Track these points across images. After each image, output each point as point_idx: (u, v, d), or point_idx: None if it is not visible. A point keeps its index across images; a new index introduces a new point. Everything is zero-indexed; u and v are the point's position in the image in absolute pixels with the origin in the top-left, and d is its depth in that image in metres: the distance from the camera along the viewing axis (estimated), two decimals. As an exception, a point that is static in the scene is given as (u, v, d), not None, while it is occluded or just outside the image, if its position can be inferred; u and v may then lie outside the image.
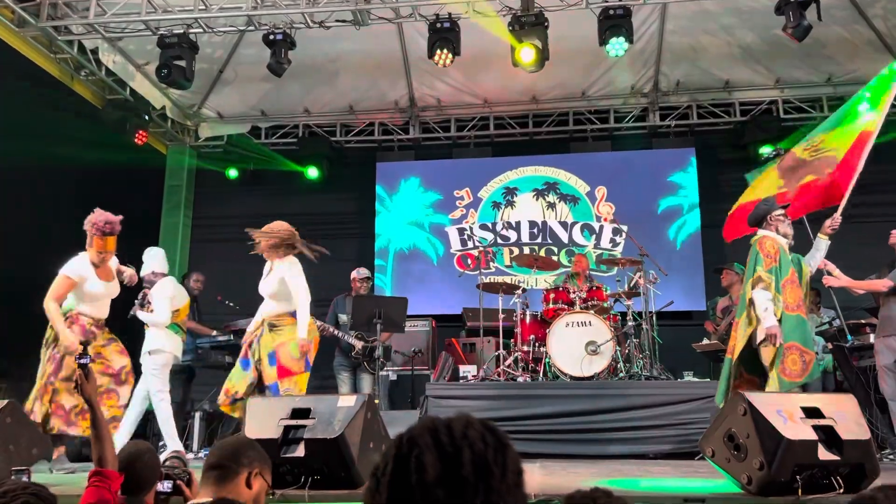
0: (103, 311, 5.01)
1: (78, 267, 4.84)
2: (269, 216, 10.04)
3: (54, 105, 7.60)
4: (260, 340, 4.80)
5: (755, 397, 3.02)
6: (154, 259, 5.58)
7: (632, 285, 6.74)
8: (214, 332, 6.85)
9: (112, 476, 2.29)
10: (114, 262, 5.08)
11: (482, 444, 0.86)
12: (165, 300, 5.31)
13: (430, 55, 6.93)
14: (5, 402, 3.71)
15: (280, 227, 5.01)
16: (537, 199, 9.41)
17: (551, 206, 9.36)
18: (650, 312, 6.54)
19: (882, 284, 5.15)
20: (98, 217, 4.80)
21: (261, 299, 4.98)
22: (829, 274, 4.93)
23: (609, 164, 9.42)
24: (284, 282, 4.80)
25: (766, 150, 8.40)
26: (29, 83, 7.32)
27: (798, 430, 2.89)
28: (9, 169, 6.55)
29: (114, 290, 5.06)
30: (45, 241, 6.35)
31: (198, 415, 6.73)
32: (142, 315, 5.33)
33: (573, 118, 9.38)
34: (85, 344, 2.90)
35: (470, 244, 9.33)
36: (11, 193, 6.63)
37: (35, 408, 4.55)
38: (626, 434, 5.56)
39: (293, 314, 4.84)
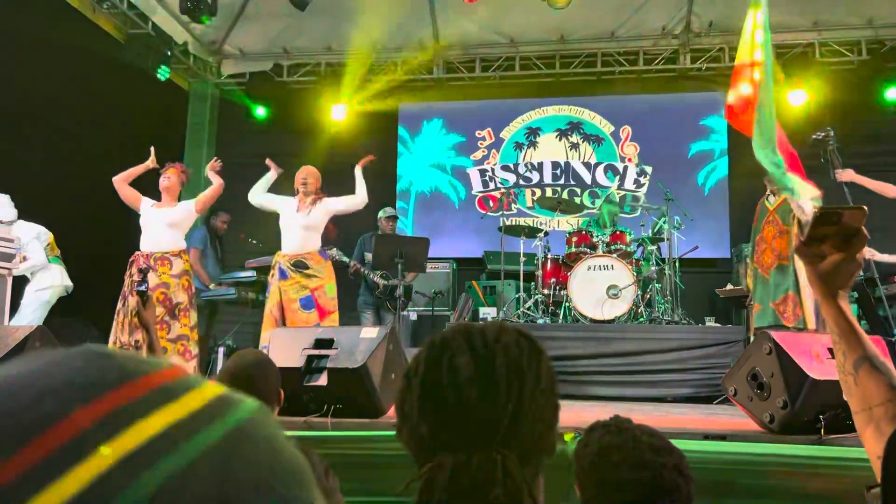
0: (156, 244, 4.98)
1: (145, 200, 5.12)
2: (293, 155, 10.05)
3: (75, 38, 7.53)
4: (285, 284, 4.96)
5: (781, 336, 2.99)
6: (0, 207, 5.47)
7: (656, 230, 6.67)
8: (212, 286, 6.89)
9: None
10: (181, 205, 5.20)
11: (517, 348, 0.85)
12: (34, 243, 5.37)
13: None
14: (35, 326, 3.77)
15: (316, 171, 5.49)
16: (560, 139, 9.27)
17: (574, 146, 9.22)
18: (674, 258, 6.48)
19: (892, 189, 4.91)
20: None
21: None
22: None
23: (636, 105, 9.22)
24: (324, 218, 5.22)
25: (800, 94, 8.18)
26: (48, 14, 7.23)
27: (824, 370, 2.86)
28: (27, 102, 6.55)
29: (168, 216, 5.08)
30: (65, 177, 6.38)
31: (220, 349, 6.85)
32: (23, 268, 5.33)
33: (601, 59, 9.15)
34: (144, 271, 2.91)
35: (492, 185, 9.25)
36: (31, 128, 6.63)
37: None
38: (646, 377, 5.57)
39: (321, 252, 5.22)
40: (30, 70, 6.59)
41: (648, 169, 8.14)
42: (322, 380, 3.35)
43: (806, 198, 3.99)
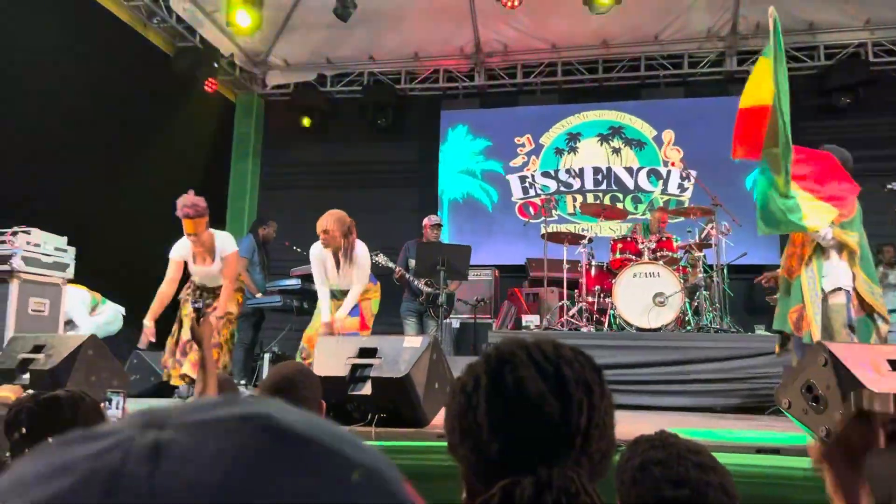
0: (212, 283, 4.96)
1: (177, 248, 4.83)
2: (335, 164, 10.17)
3: (125, 52, 7.74)
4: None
5: (837, 348, 2.89)
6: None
7: (703, 236, 6.54)
8: (259, 294, 6.97)
9: None
10: (218, 241, 4.85)
11: (578, 363, 0.83)
12: (80, 308, 5.64)
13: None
14: (88, 335, 3.87)
15: (338, 215, 4.86)
16: (601, 144, 9.17)
17: (616, 151, 9.11)
18: (722, 264, 6.34)
19: None
20: (179, 201, 4.64)
21: None
22: None
23: (679, 109, 9.07)
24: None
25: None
26: (99, 29, 7.43)
27: (883, 381, 2.75)
28: (79, 113, 6.73)
29: (212, 271, 4.87)
30: (116, 191, 6.52)
31: (267, 356, 6.94)
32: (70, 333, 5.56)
33: (645, 63, 9.04)
34: (200, 289, 2.93)
35: (532, 192, 9.19)
36: (78, 141, 6.81)
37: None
38: (693, 387, 5.45)
39: (371, 279, 5.05)
40: (80, 83, 6.78)
41: (694, 172, 7.98)
42: (366, 389, 3.36)
43: (823, 221, 3.84)
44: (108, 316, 5.87)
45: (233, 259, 4.87)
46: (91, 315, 5.75)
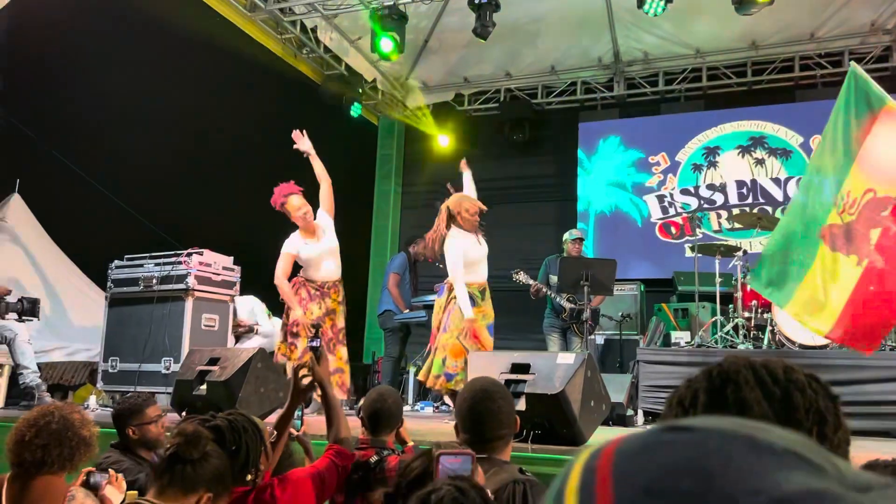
0: (328, 272, 5.19)
1: (291, 241, 5.13)
2: (476, 181, 10.31)
3: (280, 82, 8.28)
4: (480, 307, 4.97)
5: None
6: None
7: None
8: (406, 310, 7.15)
9: (348, 457, 2.33)
10: (321, 220, 5.20)
11: (811, 390, 0.78)
12: (260, 314, 6.20)
13: (640, 4, 6.61)
14: (257, 347, 4.15)
15: (464, 200, 5.01)
16: (742, 156, 8.70)
17: (759, 162, 8.60)
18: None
19: None
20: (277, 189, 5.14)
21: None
22: None
23: (828, 112, 8.43)
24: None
25: None
26: (258, 62, 8.00)
27: None
28: (240, 141, 7.24)
29: (327, 245, 5.15)
30: (268, 218, 6.94)
31: (412, 370, 7.11)
32: (256, 341, 5.92)
33: (799, 63, 8.52)
34: (316, 327, 2.96)
35: (672, 211, 8.86)
36: (242, 165, 7.32)
37: None
38: (866, 409, 5.00)
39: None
40: (243, 113, 7.32)
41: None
42: (520, 405, 3.35)
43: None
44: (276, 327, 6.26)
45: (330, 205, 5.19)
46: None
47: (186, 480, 1.66)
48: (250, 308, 6.18)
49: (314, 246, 5.12)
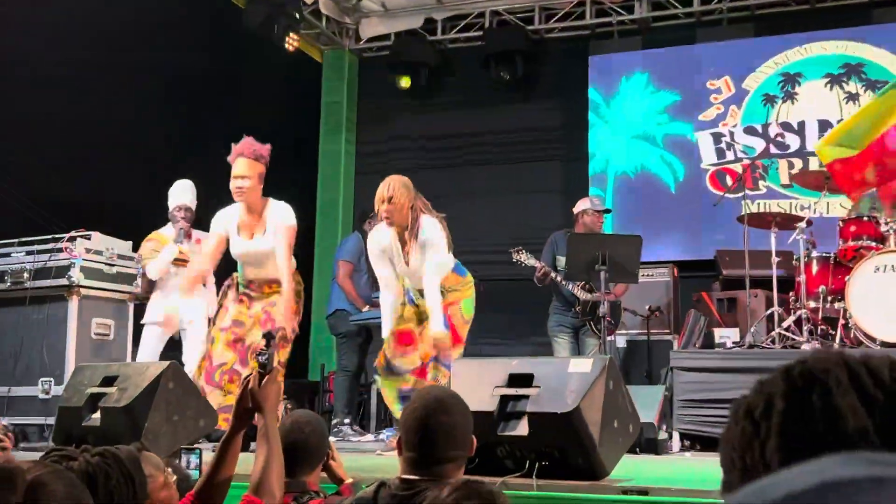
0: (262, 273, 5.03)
1: (220, 217, 5.02)
2: (450, 136, 10.27)
3: (190, 7, 8.17)
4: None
5: None
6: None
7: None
8: (365, 308, 7.12)
9: None
10: (272, 208, 4.97)
11: None
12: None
13: None
14: (167, 363, 4.10)
15: (403, 179, 4.99)
16: (831, 88, 8.76)
17: (852, 97, 8.67)
18: None
19: None
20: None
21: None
22: None
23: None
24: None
25: None
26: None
27: None
28: (136, 78, 7.18)
29: (261, 250, 4.94)
30: (176, 167, 6.91)
31: (374, 387, 7.11)
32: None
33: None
34: (269, 337, 2.85)
35: (730, 155, 8.88)
36: (139, 109, 7.25)
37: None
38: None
39: (457, 269, 5.11)
40: (140, 56, 7.25)
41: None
42: (521, 428, 3.37)
43: None
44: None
45: (290, 235, 4.88)
46: None
47: None
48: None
49: (243, 243, 5.07)
